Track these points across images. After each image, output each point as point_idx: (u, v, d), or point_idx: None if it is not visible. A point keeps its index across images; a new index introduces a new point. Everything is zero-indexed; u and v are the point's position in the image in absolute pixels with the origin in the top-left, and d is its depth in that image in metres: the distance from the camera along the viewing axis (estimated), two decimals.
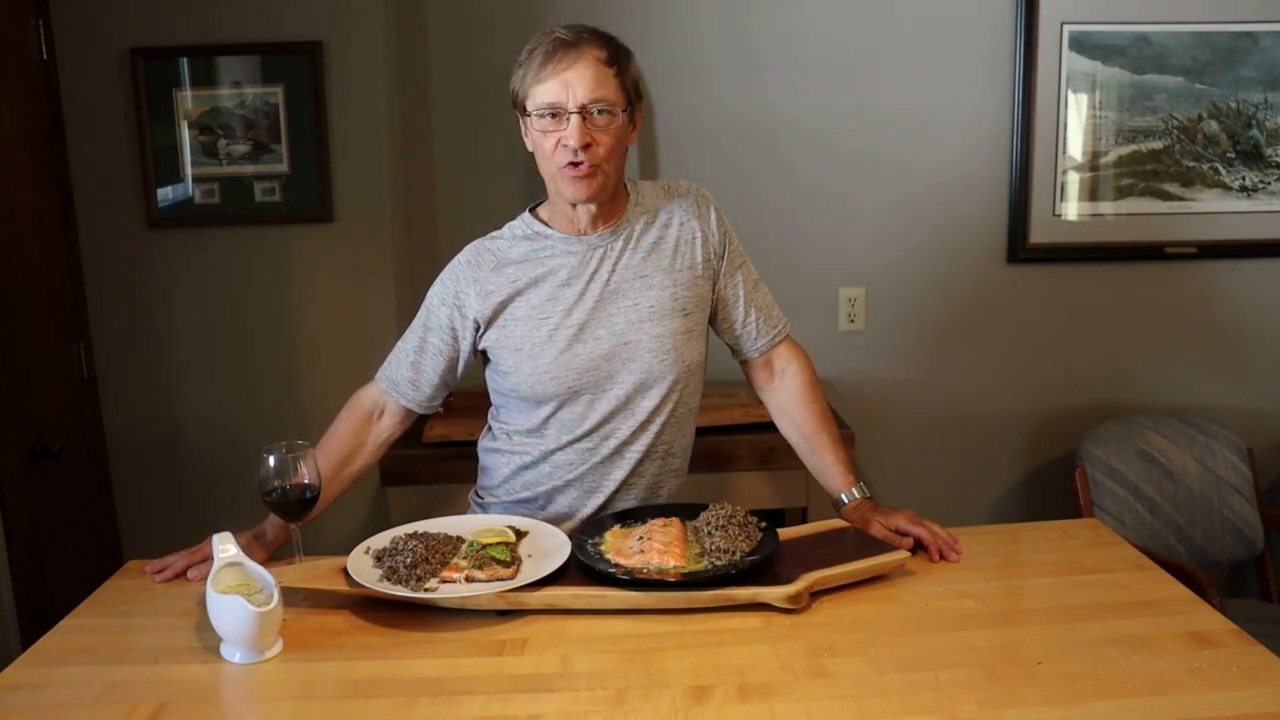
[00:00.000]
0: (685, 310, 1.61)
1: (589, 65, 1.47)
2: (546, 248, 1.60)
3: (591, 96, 1.47)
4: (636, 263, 1.60)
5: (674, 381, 1.61)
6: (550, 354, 1.58)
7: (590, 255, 1.59)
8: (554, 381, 1.58)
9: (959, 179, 2.74)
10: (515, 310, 1.59)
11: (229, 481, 2.62)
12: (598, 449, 1.63)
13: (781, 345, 1.74)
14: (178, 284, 2.55)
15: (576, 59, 1.47)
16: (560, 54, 1.47)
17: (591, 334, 1.58)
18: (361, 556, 1.46)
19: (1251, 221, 2.76)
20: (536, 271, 1.59)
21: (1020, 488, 2.91)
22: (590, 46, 1.48)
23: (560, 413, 1.61)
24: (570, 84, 1.47)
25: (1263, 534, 2.56)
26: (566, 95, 1.47)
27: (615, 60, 1.51)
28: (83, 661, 1.30)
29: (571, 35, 1.48)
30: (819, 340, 2.75)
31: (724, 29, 2.66)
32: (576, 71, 1.47)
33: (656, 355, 1.59)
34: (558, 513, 1.66)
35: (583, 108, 1.47)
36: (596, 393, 1.60)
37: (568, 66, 1.47)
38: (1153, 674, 1.19)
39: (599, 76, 1.48)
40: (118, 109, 2.47)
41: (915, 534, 1.55)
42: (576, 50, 1.47)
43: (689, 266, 1.62)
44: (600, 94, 1.48)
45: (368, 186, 2.53)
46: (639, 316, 1.59)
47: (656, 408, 1.62)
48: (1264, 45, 2.67)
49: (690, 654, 1.27)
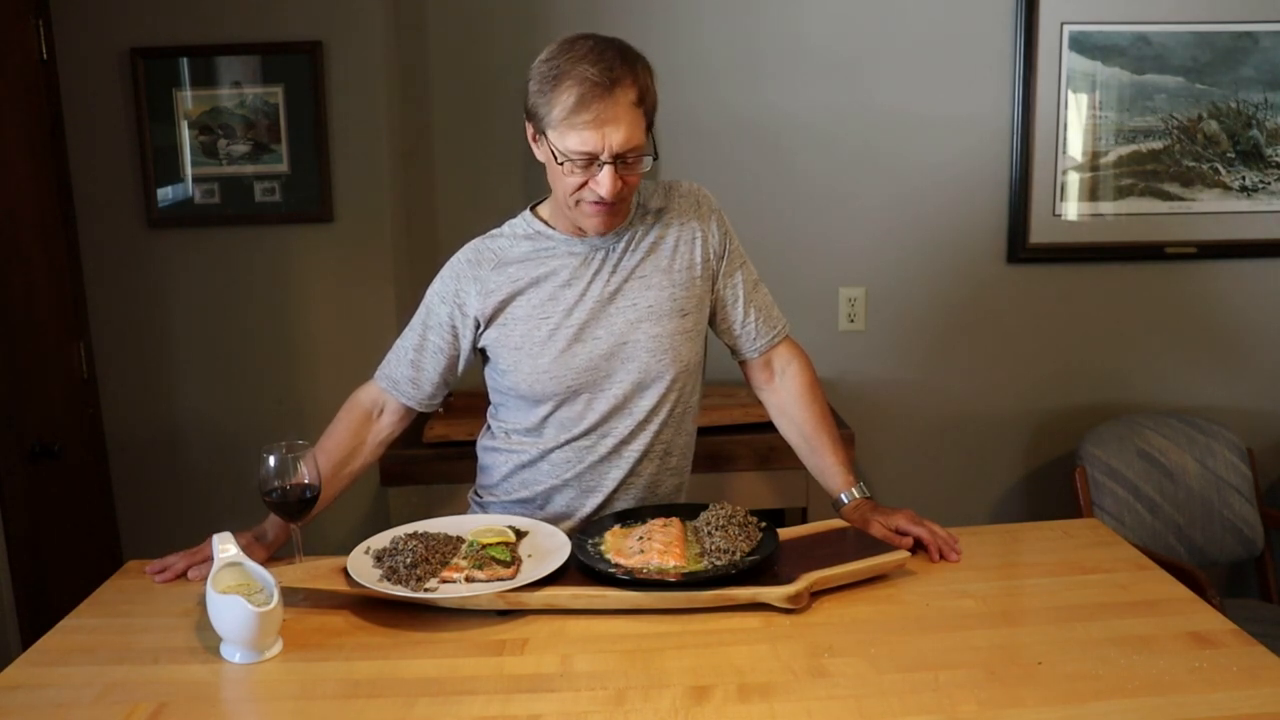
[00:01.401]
0: (683, 311, 1.61)
1: (625, 112, 1.42)
2: (548, 248, 1.60)
3: (627, 147, 1.43)
4: (636, 264, 1.60)
5: (671, 381, 1.61)
6: (550, 354, 1.58)
7: (592, 256, 1.59)
8: (553, 381, 1.58)
9: (959, 179, 2.74)
10: (515, 309, 1.59)
11: (229, 481, 2.62)
12: (595, 448, 1.63)
13: (781, 346, 1.73)
14: (178, 284, 2.55)
15: (612, 107, 1.40)
16: (595, 101, 1.40)
17: (591, 334, 1.58)
18: (361, 556, 1.46)
19: (1251, 221, 2.76)
20: (538, 271, 1.59)
21: (1020, 488, 2.91)
22: (623, 89, 1.41)
23: (558, 412, 1.62)
24: (607, 136, 1.41)
25: (1263, 534, 2.56)
26: (602, 145, 1.42)
27: (644, 98, 1.45)
28: (83, 661, 1.30)
29: (604, 77, 1.40)
30: (819, 340, 2.75)
31: (724, 29, 2.66)
32: (614, 124, 1.41)
33: (654, 355, 1.59)
34: (556, 512, 1.66)
35: (617, 157, 1.43)
36: (595, 392, 1.60)
37: (605, 120, 1.41)
38: (1153, 674, 1.19)
39: (633, 123, 1.43)
40: (118, 109, 2.47)
41: (915, 534, 1.55)
42: (611, 97, 1.40)
43: (687, 267, 1.62)
44: (635, 142, 1.44)
45: (368, 186, 2.53)
46: (637, 316, 1.59)
47: (654, 407, 1.62)
48: (1264, 45, 2.67)
49: (690, 654, 1.27)
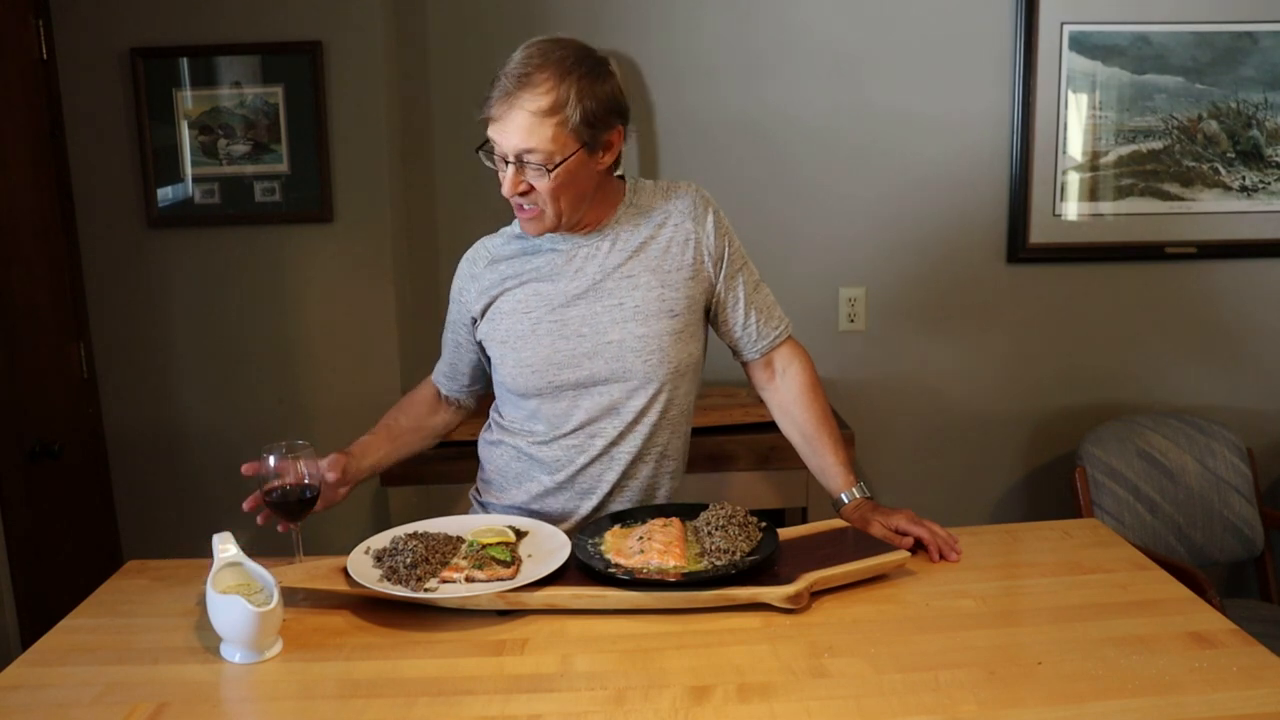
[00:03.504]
0: (673, 312, 1.60)
1: (524, 117, 1.43)
2: (534, 246, 1.63)
3: (520, 148, 1.45)
4: (621, 261, 1.60)
5: (662, 383, 1.61)
6: (532, 348, 1.60)
7: (575, 253, 1.61)
8: (535, 375, 1.60)
9: (959, 179, 2.74)
10: (503, 304, 1.63)
11: (229, 481, 2.61)
12: (584, 447, 1.63)
13: (783, 346, 1.73)
14: (178, 284, 2.55)
15: (511, 110, 1.43)
16: (500, 100, 1.44)
17: (574, 330, 1.59)
18: (361, 556, 1.46)
19: (1251, 221, 2.76)
20: (524, 268, 1.62)
21: (1020, 488, 2.91)
22: (530, 94, 1.42)
23: (544, 408, 1.63)
24: (504, 134, 1.45)
25: (1263, 534, 2.56)
26: (502, 140, 1.46)
27: (558, 109, 1.43)
28: (83, 661, 1.30)
29: (513, 81, 1.43)
30: (819, 340, 2.75)
31: (724, 29, 2.66)
32: (506, 124, 1.44)
33: (641, 356, 1.59)
34: (552, 514, 1.67)
35: (517, 157, 1.46)
36: (579, 390, 1.61)
37: (501, 116, 1.44)
38: (1153, 674, 1.19)
39: (531, 127, 1.43)
40: (118, 109, 2.47)
41: (915, 533, 1.55)
42: (511, 100, 1.43)
43: (678, 268, 1.61)
44: (530, 144, 1.44)
45: (368, 186, 2.53)
46: (623, 316, 1.59)
47: (644, 408, 1.61)
48: (1264, 45, 2.67)
49: (690, 654, 1.27)
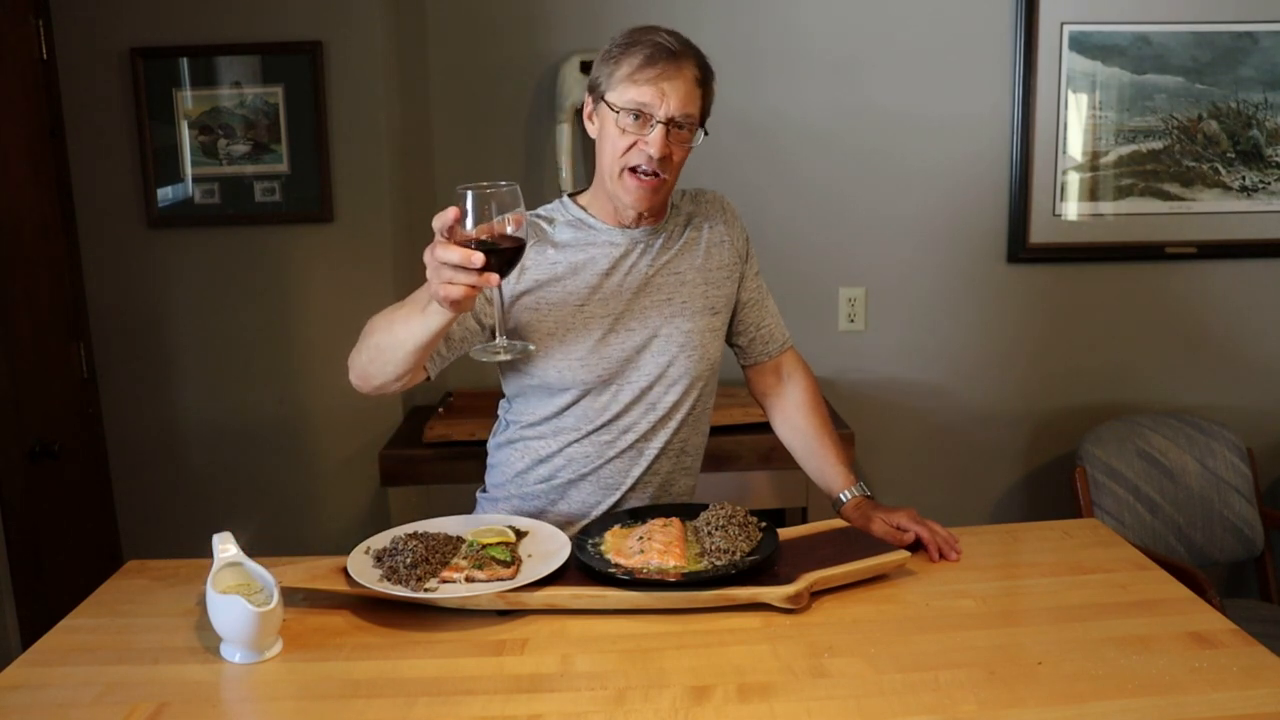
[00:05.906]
0: (714, 309, 1.66)
1: (687, 80, 1.50)
2: (590, 236, 1.62)
3: (683, 111, 1.50)
4: (670, 258, 1.63)
5: (695, 379, 1.64)
6: (586, 342, 1.59)
7: (632, 248, 1.62)
8: (584, 369, 1.59)
9: (959, 179, 2.74)
10: (549, 294, 1.59)
11: (229, 481, 2.62)
12: (615, 442, 1.63)
13: (789, 352, 1.79)
14: (178, 284, 2.55)
15: (677, 72, 1.49)
16: (663, 62, 1.49)
17: (625, 325, 1.60)
18: (361, 556, 1.46)
19: (1251, 221, 2.76)
20: (579, 258, 1.60)
21: (1020, 488, 2.91)
22: (689, 63, 1.51)
23: (582, 401, 1.62)
24: (666, 94, 1.49)
25: (1263, 534, 2.56)
26: (659, 104, 1.49)
27: (705, 81, 1.54)
28: (83, 661, 1.29)
29: (676, 45, 1.50)
30: (819, 340, 2.75)
31: (724, 29, 2.66)
32: (675, 84, 1.49)
33: (684, 350, 1.62)
34: (572, 509, 1.66)
35: (671, 119, 1.49)
36: (622, 383, 1.61)
37: (668, 78, 1.49)
38: (1153, 674, 1.19)
39: (691, 94, 1.51)
40: (118, 109, 2.47)
41: (915, 531, 1.55)
42: (678, 64, 1.49)
43: (719, 267, 1.67)
44: (689, 110, 1.51)
45: (368, 186, 2.53)
46: (672, 311, 1.62)
47: (676, 403, 1.63)
48: (1264, 45, 2.67)
49: (690, 654, 1.27)
